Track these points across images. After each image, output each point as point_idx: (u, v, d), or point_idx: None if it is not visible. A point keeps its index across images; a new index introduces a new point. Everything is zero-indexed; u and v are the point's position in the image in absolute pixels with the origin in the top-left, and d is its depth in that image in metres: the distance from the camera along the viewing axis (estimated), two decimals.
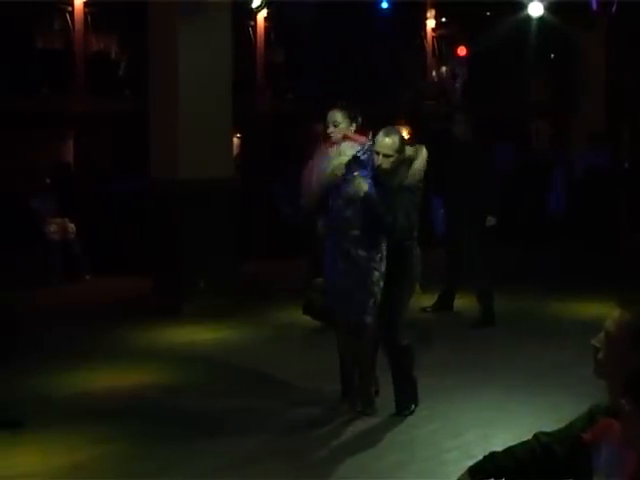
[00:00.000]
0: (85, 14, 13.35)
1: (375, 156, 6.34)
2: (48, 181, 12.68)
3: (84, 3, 13.28)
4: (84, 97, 13.31)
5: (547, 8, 15.08)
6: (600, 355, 2.89)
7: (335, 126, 6.57)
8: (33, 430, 6.23)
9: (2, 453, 5.85)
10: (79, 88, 13.35)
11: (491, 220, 9.31)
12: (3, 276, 8.07)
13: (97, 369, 7.88)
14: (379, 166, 6.32)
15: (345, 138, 6.51)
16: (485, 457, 3.08)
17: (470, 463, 3.10)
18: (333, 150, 6.50)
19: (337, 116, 6.62)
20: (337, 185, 6.39)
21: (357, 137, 6.50)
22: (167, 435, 6.21)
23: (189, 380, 7.63)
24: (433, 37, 17.56)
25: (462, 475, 3.07)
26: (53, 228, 12.30)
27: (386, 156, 6.31)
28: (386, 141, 6.34)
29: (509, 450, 3.07)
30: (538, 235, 14.67)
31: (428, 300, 9.53)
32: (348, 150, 6.42)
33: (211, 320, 9.76)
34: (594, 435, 2.85)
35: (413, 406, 6.58)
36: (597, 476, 2.82)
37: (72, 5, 13.26)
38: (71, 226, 12.44)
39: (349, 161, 6.36)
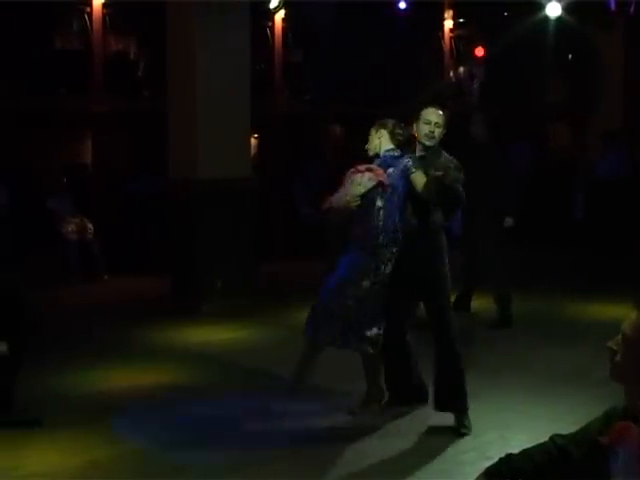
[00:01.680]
0: (103, 15, 13.41)
1: (423, 126, 6.28)
2: (65, 181, 12.74)
3: (102, 4, 13.34)
4: (102, 97, 13.36)
5: (565, 8, 15.03)
6: (617, 358, 2.88)
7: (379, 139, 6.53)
8: (51, 429, 6.26)
9: (20, 452, 5.88)
10: (97, 88, 13.40)
11: (509, 221, 9.29)
12: (23, 276, 8.09)
13: (115, 368, 7.92)
14: (426, 135, 6.24)
15: (368, 170, 6.48)
16: (501, 459, 3.08)
17: (487, 464, 3.10)
18: (356, 177, 6.46)
19: (374, 132, 6.59)
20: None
21: (381, 173, 6.43)
22: (183, 435, 6.23)
23: (206, 380, 7.65)
24: (451, 37, 17.55)
25: (478, 477, 3.07)
26: (71, 228, 12.36)
27: (437, 125, 6.26)
28: (437, 111, 6.30)
29: (525, 452, 3.07)
30: (556, 236, 14.63)
31: None
32: (367, 183, 6.39)
33: (228, 320, 9.78)
34: (611, 438, 2.85)
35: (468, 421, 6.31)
36: (614, 479, 2.82)
37: (91, 6, 13.32)
38: (89, 226, 12.48)
39: (365, 193, 6.35)
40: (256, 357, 8.20)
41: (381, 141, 6.51)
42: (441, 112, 6.33)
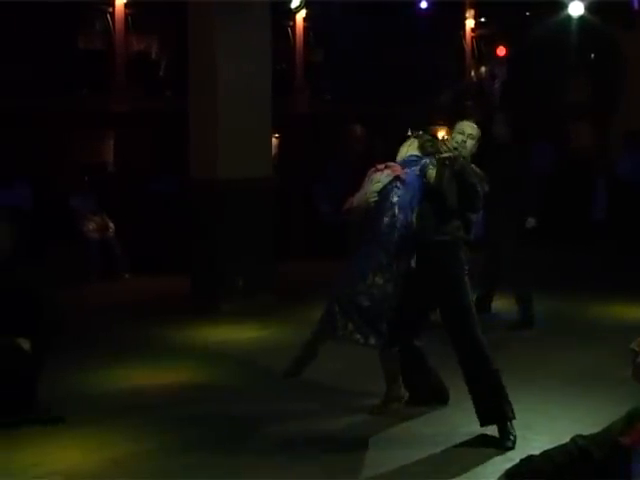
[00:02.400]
0: (126, 15, 13.47)
1: (456, 135, 6.26)
2: (88, 180, 12.80)
3: (125, 4, 13.40)
4: (125, 97, 13.42)
5: (587, 8, 14.97)
6: (639, 359, 2.87)
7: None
8: (72, 426, 6.29)
9: (42, 449, 5.91)
10: (120, 88, 13.46)
11: (531, 221, 9.25)
12: (45, 274, 8.13)
13: (135, 367, 7.95)
14: (457, 143, 6.20)
15: (387, 167, 6.49)
16: (522, 460, 3.08)
17: (508, 465, 3.10)
18: (375, 176, 6.47)
19: (406, 142, 6.60)
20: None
21: (398, 169, 6.43)
22: (203, 433, 6.24)
23: (225, 379, 7.66)
24: (472, 37, 17.51)
25: (500, 477, 3.06)
26: (92, 226, 12.42)
27: (471, 137, 6.26)
28: (472, 124, 6.32)
29: (546, 453, 3.06)
30: (579, 237, 14.56)
31: None
32: (384, 179, 6.41)
33: (248, 319, 9.79)
34: (633, 439, 2.83)
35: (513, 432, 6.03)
36: (636, 478, 2.81)
37: (113, 6, 13.39)
38: (110, 224, 12.54)
39: (382, 189, 6.35)
40: (276, 357, 8.17)
41: (409, 149, 6.54)
42: (476, 126, 6.33)
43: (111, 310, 10.46)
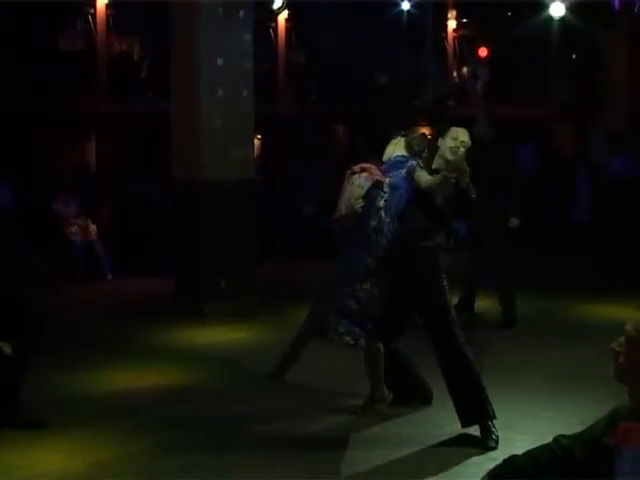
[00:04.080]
0: (107, 16, 13.44)
1: (449, 140, 6.22)
2: (70, 182, 12.75)
3: (106, 5, 13.36)
4: (106, 98, 13.38)
5: (569, 8, 15.03)
6: (620, 359, 2.88)
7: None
8: (56, 429, 6.26)
9: (27, 452, 5.88)
10: (101, 89, 13.42)
11: (515, 222, 9.27)
12: (26, 276, 8.10)
13: (119, 369, 7.92)
14: (450, 149, 6.17)
15: (363, 170, 6.50)
16: (505, 460, 3.08)
17: (492, 465, 3.10)
18: (354, 179, 6.48)
19: (393, 141, 6.60)
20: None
21: (375, 171, 6.45)
22: (188, 435, 6.22)
23: (210, 381, 7.65)
24: (454, 38, 17.55)
25: (482, 478, 3.07)
26: (75, 229, 12.38)
27: (464, 145, 6.23)
28: (466, 132, 6.30)
29: (529, 453, 3.07)
30: (562, 237, 14.61)
31: None
32: (364, 183, 6.42)
33: (232, 321, 9.78)
34: (616, 439, 2.84)
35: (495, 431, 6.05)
36: (620, 479, 2.81)
37: (94, 7, 13.34)
38: (93, 227, 12.50)
39: (365, 193, 6.36)
40: (260, 358, 8.19)
41: (395, 148, 6.53)
42: (468, 135, 6.32)
43: (95, 312, 10.43)
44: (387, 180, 6.37)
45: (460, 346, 6.13)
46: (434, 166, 6.25)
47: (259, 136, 14.34)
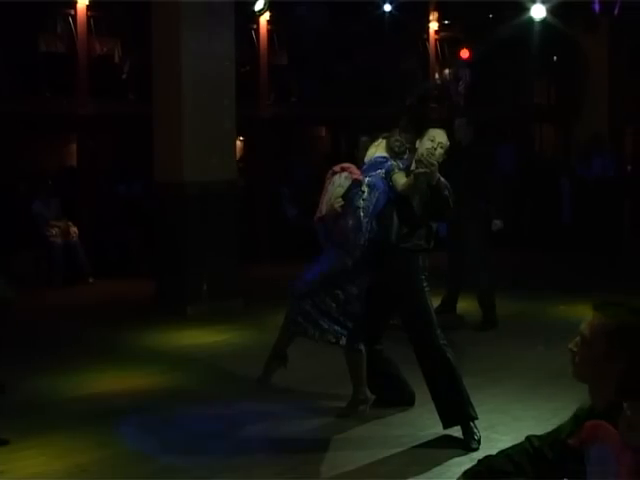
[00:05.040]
0: (88, 17, 13.38)
1: (426, 142, 6.17)
2: (51, 184, 12.71)
3: (87, 6, 13.30)
4: (87, 100, 13.33)
5: (550, 10, 15.08)
6: (577, 359, 2.90)
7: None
8: (38, 432, 6.24)
9: (7, 455, 5.85)
10: (82, 91, 13.37)
11: (497, 224, 9.29)
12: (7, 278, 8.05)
13: (101, 372, 7.89)
14: (427, 150, 6.09)
15: (343, 170, 6.51)
16: (480, 461, 3.09)
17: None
18: (335, 179, 6.50)
19: (374, 142, 6.60)
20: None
21: (355, 170, 6.47)
22: (170, 438, 6.21)
23: (193, 383, 7.63)
24: (436, 39, 17.57)
25: (458, 478, 3.07)
26: (55, 231, 12.33)
27: (441, 146, 6.17)
28: (444, 133, 6.23)
29: (504, 453, 3.08)
30: (543, 238, 14.66)
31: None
32: (344, 182, 6.43)
33: (214, 323, 9.77)
34: (580, 439, 2.86)
35: (477, 432, 6.06)
36: (590, 478, 2.83)
37: (75, 9, 13.28)
38: (74, 229, 12.46)
39: (345, 193, 6.37)
40: (243, 360, 8.18)
41: (377, 149, 6.55)
42: (446, 136, 6.28)
43: (76, 315, 10.39)
44: (366, 180, 6.39)
45: (441, 348, 6.14)
46: (412, 168, 6.25)
47: (241, 138, 14.33)
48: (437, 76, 17.67)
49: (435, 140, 6.19)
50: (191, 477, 5.55)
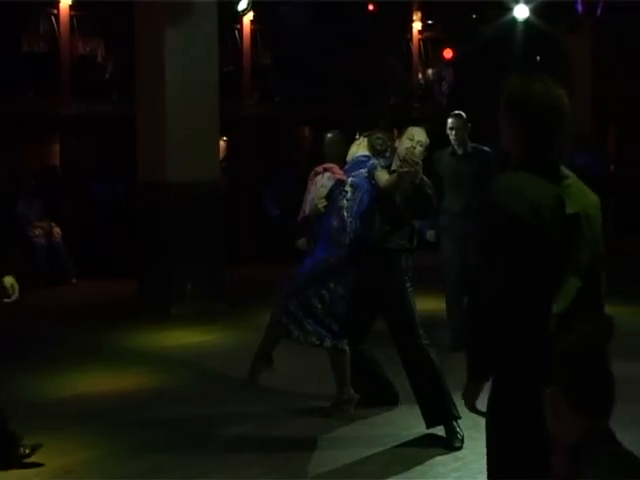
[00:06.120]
0: (71, 17, 13.32)
1: (405, 141, 6.18)
2: (34, 184, 12.65)
3: (70, 6, 13.25)
4: (70, 100, 13.27)
5: (533, 10, 15.13)
6: None
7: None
8: (21, 434, 6.20)
9: None
10: (65, 91, 13.31)
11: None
12: None
13: (85, 372, 7.87)
14: (407, 149, 6.11)
15: (326, 170, 6.52)
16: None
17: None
18: (318, 179, 6.51)
19: (355, 141, 6.60)
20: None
21: (337, 170, 6.48)
22: (154, 439, 6.20)
23: (178, 383, 7.62)
24: (419, 39, 17.59)
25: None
26: (38, 232, 12.28)
27: (420, 144, 6.19)
28: (423, 132, 6.25)
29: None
30: None
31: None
32: (327, 182, 6.44)
33: (199, 324, 9.75)
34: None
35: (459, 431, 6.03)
36: None
37: (58, 8, 13.23)
38: (57, 230, 12.41)
39: (328, 193, 6.38)
40: (228, 360, 8.17)
41: (358, 148, 6.55)
42: (425, 134, 6.28)
43: (59, 315, 10.35)
44: (349, 180, 6.40)
45: (423, 348, 6.15)
46: (393, 167, 6.25)
47: (225, 138, 14.30)
48: (420, 76, 17.69)
49: (414, 139, 6.21)
50: (177, 477, 5.54)
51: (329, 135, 7.08)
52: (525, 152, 3.35)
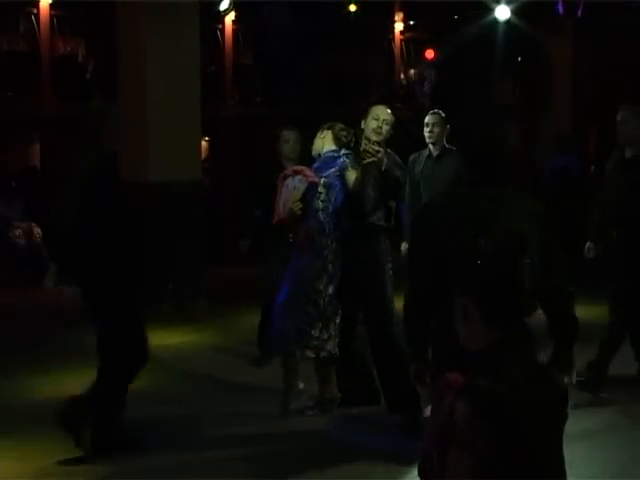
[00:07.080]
0: (51, 16, 13.27)
1: (371, 121, 6.22)
2: (14, 185, 12.59)
3: (50, 5, 13.19)
4: (51, 100, 13.22)
5: (514, 11, 15.17)
6: None
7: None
8: (3, 436, 6.16)
9: None
10: (46, 91, 13.26)
11: None
12: None
13: (65, 373, 7.82)
14: (374, 130, 6.15)
15: (296, 173, 6.51)
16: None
17: None
18: (289, 182, 6.50)
19: (319, 134, 6.58)
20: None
21: (309, 173, 6.47)
22: (136, 438, 6.16)
23: (158, 384, 7.58)
24: (401, 40, 17.62)
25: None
26: (18, 232, 12.21)
27: (386, 122, 6.21)
28: (386, 109, 6.28)
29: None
30: None
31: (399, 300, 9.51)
32: (299, 185, 6.42)
33: (180, 324, 9.72)
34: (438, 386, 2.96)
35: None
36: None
37: (38, 8, 13.17)
38: (37, 230, 12.35)
39: (302, 196, 6.37)
40: (208, 360, 8.16)
41: (324, 142, 6.52)
42: (389, 111, 6.32)
43: (40, 315, 10.28)
44: (322, 180, 6.37)
45: (397, 339, 6.10)
46: (361, 147, 6.25)
47: (206, 138, 14.27)
48: (402, 76, 17.72)
49: (380, 118, 6.24)
50: (158, 477, 5.52)
51: (285, 132, 7.09)
52: None
